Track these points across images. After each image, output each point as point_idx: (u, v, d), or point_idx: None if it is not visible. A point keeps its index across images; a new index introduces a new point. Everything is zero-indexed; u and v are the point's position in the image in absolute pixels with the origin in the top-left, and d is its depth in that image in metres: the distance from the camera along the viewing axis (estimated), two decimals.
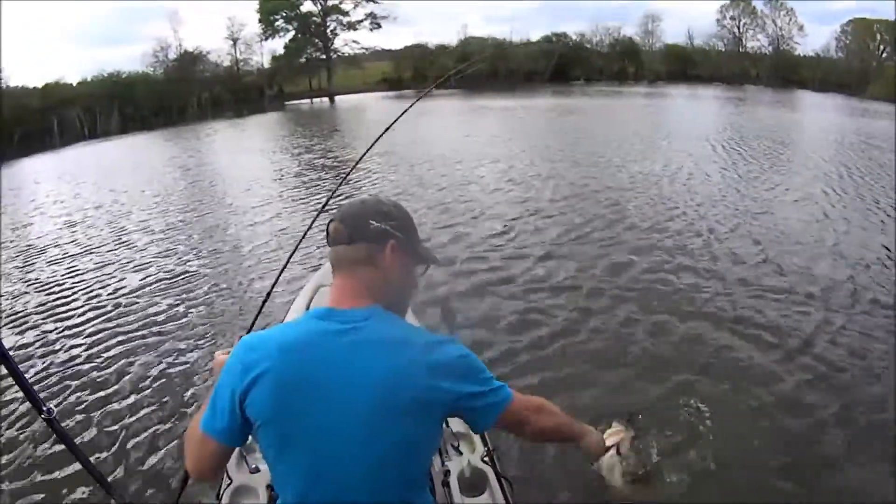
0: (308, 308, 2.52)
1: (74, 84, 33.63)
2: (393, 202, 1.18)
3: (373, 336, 1.05)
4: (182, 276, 5.45)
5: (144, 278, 5.48)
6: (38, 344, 4.20)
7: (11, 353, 1.46)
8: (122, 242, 6.91)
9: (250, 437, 1.27)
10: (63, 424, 2.76)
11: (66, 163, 17.40)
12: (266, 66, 37.29)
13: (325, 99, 34.49)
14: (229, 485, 1.78)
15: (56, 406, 2.78)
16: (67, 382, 3.56)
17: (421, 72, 36.00)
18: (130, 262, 6.09)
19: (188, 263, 5.88)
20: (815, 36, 63.75)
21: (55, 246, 7.08)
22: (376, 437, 1.02)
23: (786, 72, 35.63)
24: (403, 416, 1.02)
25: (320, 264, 3.86)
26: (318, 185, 9.54)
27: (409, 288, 1.19)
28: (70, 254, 6.65)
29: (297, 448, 1.03)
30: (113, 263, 6.08)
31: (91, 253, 6.60)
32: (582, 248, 5.41)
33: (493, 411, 1.11)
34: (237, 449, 1.52)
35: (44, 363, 3.87)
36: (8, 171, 17.12)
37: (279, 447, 1.04)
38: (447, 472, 1.72)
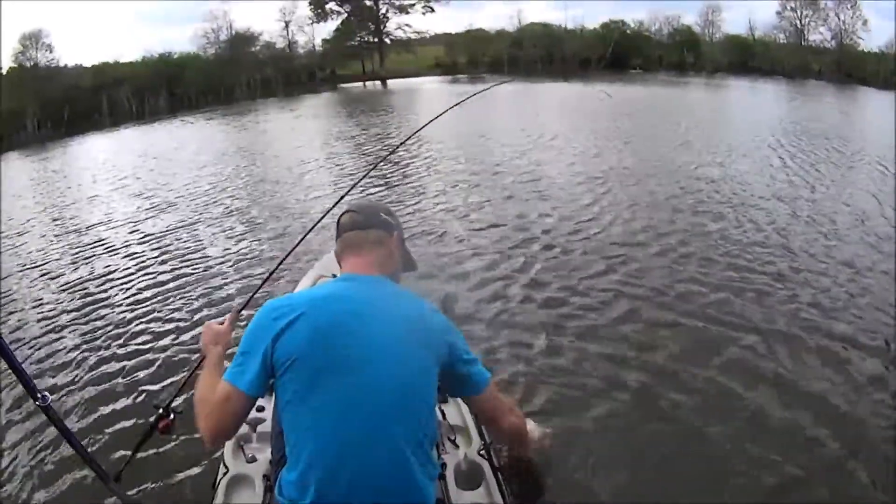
0: None
1: (130, 63, 33.76)
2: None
3: (389, 291, 1.30)
4: (186, 260, 5.20)
5: (144, 260, 5.30)
6: (34, 327, 4.02)
7: (6, 336, 1.40)
8: (132, 225, 6.67)
9: (246, 427, 1.80)
10: (60, 409, 2.77)
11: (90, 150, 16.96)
12: (318, 48, 37.13)
13: (378, 82, 34.22)
14: (225, 474, 1.80)
15: (51, 391, 2.76)
16: (63, 366, 3.41)
17: (475, 57, 35.47)
18: (130, 244, 5.94)
19: (195, 247, 5.58)
20: (879, 31, 59.52)
21: (57, 227, 6.99)
22: (404, 364, 1.17)
23: (849, 68, 34.20)
24: (422, 347, 1.21)
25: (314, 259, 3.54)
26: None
27: (400, 273, 1.43)
28: (72, 232, 6.56)
29: (333, 377, 1.12)
30: (116, 246, 5.92)
31: (91, 230, 6.48)
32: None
33: (480, 381, 1.31)
34: (234, 438, 1.77)
35: (39, 346, 3.69)
36: (51, 152, 16.95)
37: (312, 380, 1.13)
38: (443, 466, 1.70)
